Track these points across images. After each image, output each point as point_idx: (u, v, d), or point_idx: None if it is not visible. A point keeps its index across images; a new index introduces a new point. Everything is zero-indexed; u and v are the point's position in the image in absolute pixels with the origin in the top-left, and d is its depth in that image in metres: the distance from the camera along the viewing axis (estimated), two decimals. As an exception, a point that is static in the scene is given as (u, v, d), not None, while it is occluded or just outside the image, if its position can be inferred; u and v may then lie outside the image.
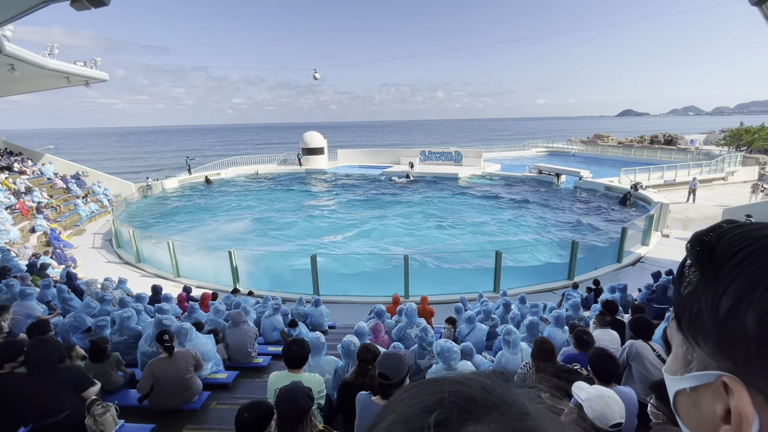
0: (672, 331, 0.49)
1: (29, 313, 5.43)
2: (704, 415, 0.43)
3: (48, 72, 14.81)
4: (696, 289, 0.43)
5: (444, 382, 0.36)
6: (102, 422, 2.83)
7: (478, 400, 0.33)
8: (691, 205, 18.16)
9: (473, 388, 0.35)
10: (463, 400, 0.33)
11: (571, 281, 9.95)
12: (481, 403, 0.33)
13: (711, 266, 0.42)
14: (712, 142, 40.20)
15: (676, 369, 0.48)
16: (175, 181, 26.58)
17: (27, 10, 6.87)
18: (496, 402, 0.34)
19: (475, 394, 0.34)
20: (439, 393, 0.35)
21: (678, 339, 0.47)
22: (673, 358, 0.49)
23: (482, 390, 0.35)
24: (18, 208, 15.15)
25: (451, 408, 0.32)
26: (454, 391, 0.34)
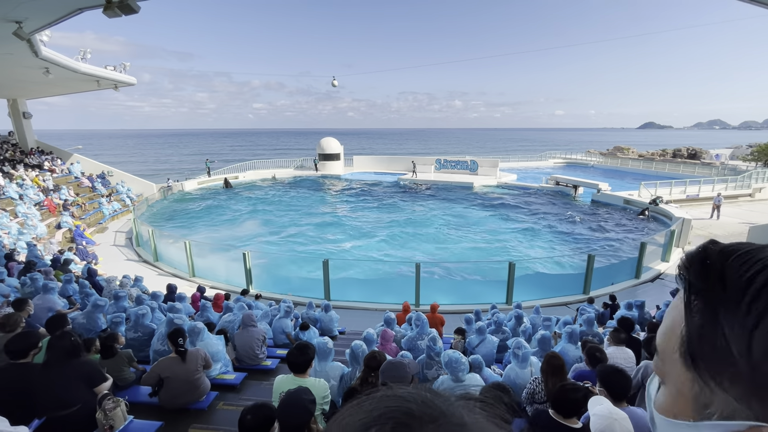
0: (669, 365, 0.43)
1: (50, 306, 5.61)
2: None
3: (80, 75, 15.47)
4: (715, 321, 0.37)
5: (384, 397, 0.37)
6: (112, 417, 2.90)
7: (416, 414, 0.34)
8: (715, 221, 17.53)
9: (413, 402, 0.35)
10: (401, 414, 0.34)
11: (587, 296, 9.71)
12: (419, 417, 0.34)
13: (727, 293, 0.37)
14: (739, 157, 38.82)
15: (681, 411, 0.41)
16: (195, 182, 27.25)
17: (62, 17, 7.23)
18: (434, 414, 0.34)
19: (414, 408, 0.35)
20: (378, 409, 0.35)
21: (685, 377, 0.40)
22: (674, 399, 0.42)
23: (422, 404, 0.35)
24: (46, 204, 15.78)
25: (387, 423, 0.33)
26: (394, 406, 0.35)
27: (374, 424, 0.33)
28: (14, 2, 6.55)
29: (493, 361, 5.27)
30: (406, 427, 0.33)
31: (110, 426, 2.87)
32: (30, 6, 6.79)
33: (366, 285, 11.19)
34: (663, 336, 0.45)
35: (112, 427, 2.88)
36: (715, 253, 0.41)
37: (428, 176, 30.05)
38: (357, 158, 35.36)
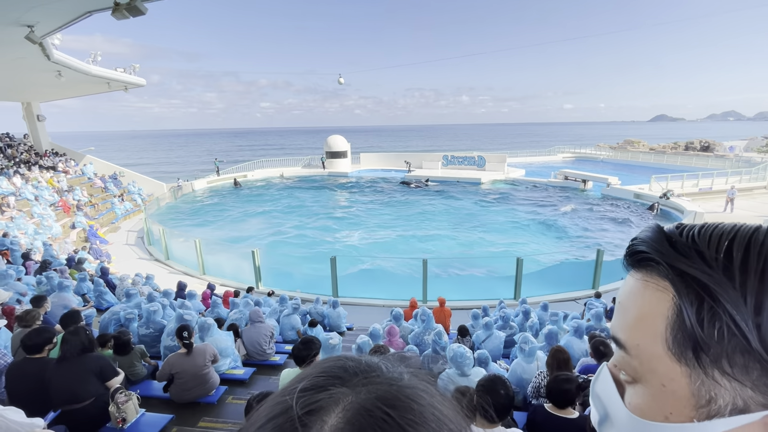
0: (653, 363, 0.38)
1: (65, 304, 5.77)
2: None
3: (91, 78, 15.73)
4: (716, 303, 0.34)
5: (328, 358, 0.38)
6: (124, 410, 2.98)
7: (350, 368, 0.35)
8: (728, 215, 17.16)
9: (351, 360, 0.37)
10: (336, 368, 0.35)
11: (595, 291, 9.62)
12: (353, 370, 0.35)
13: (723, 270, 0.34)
14: (754, 149, 37.89)
15: (676, 413, 0.36)
16: (204, 182, 27.57)
17: (72, 20, 7.36)
18: (367, 370, 0.35)
19: (350, 364, 0.36)
20: (318, 365, 0.37)
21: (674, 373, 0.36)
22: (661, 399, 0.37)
23: (360, 362, 0.36)
24: (60, 205, 16.14)
25: (318, 375, 0.34)
26: (332, 363, 0.36)
27: (308, 376, 0.35)
28: (25, 6, 6.70)
29: (500, 356, 5.27)
30: (338, 378, 0.34)
31: (123, 419, 2.96)
32: (41, 10, 6.93)
33: (374, 281, 11.23)
34: (632, 331, 0.40)
35: (125, 419, 2.97)
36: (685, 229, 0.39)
37: (435, 172, 29.95)
38: (364, 155, 35.38)
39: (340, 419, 0.30)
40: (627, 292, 0.42)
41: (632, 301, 0.41)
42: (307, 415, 0.30)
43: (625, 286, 0.44)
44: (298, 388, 0.33)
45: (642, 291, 0.40)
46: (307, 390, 0.33)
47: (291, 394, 0.32)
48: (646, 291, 0.39)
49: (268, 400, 0.34)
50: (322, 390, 0.32)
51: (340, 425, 0.29)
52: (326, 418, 0.30)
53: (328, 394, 0.32)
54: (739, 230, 0.36)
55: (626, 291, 0.43)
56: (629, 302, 0.41)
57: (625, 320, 0.41)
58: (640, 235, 0.43)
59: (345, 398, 0.31)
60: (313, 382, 0.34)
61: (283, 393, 0.34)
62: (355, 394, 0.32)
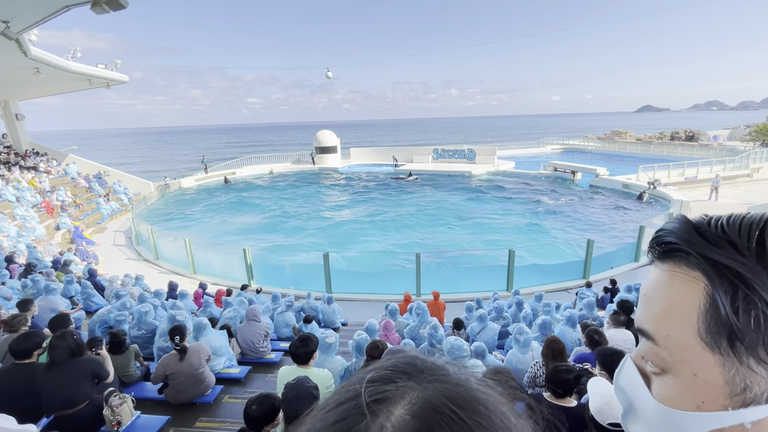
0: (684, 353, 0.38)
1: (53, 307, 5.64)
2: None
3: (71, 75, 15.29)
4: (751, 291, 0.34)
5: (396, 355, 0.38)
6: (119, 413, 2.93)
7: (418, 365, 0.36)
8: (713, 203, 17.56)
9: (419, 359, 0.37)
10: (404, 364, 0.36)
11: (586, 280, 9.77)
12: (420, 368, 0.35)
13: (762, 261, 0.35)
14: (737, 138, 38.75)
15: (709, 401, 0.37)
16: (192, 180, 27.16)
17: (50, 14, 7.11)
18: (435, 369, 0.35)
19: (419, 362, 0.36)
20: (387, 360, 0.37)
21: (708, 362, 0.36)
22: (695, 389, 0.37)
23: (428, 361, 0.37)
24: (44, 206, 15.73)
25: (387, 369, 0.35)
26: (400, 359, 0.37)
27: (377, 368, 0.36)
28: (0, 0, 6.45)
29: (494, 348, 5.33)
30: (405, 373, 0.34)
31: (118, 422, 2.91)
32: (17, 4, 6.67)
33: (367, 276, 11.24)
34: (660, 322, 0.40)
35: (120, 423, 2.92)
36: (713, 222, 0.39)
37: (426, 166, 29.98)
38: (354, 150, 35.22)
39: (406, 411, 0.30)
40: (653, 284, 0.42)
41: (660, 292, 0.41)
42: (375, 403, 0.31)
43: (650, 278, 0.44)
44: (367, 378, 0.34)
45: (670, 282, 0.40)
46: (375, 381, 0.34)
47: (360, 383, 0.34)
48: (674, 282, 0.39)
49: (338, 388, 0.36)
50: (390, 382, 0.33)
51: (406, 417, 0.30)
52: (392, 409, 0.31)
53: (395, 387, 0.33)
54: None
55: (652, 282, 0.43)
56: (656, 294, 0.41)
57: (652, 311, 0.41)
58: (666, 226, 0.43)
59: (412, 392, 0.32)
60: (381, 375, 0.35)
61: (352, 382, 0.35)
62: (423, 389, 0.32)
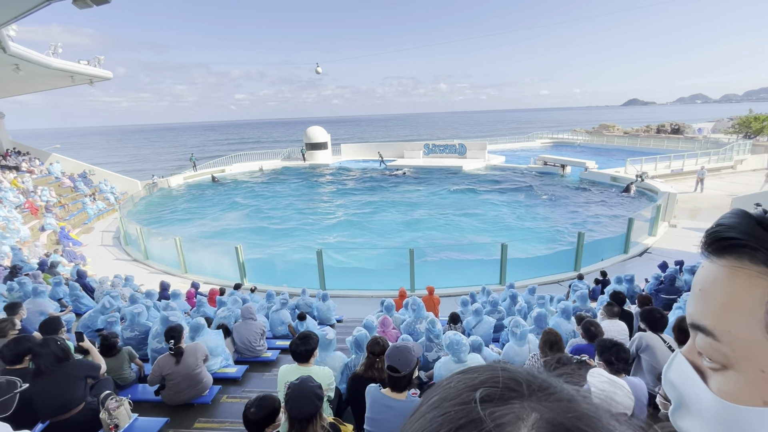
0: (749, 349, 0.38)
1: (42, 310, 5.52)
2: None
3: (52, 71, 14.87)
4: None
5: (493, 366, 0.37)
6: (116, 416, 2.88)
7: (524, 382, 0.34)
8: (699, 194, 17.95)
9: (520, 373, 0.35)
10: (508, 380, 0.34)
11: (578, 273, 9.92)
12: (527, 385, 0.33)
13: None
14: (721, 131, 39.57)
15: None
16: (181, 178, 26.74)
17: (30, 9, 6.88)
18: (542, 385, 0.34)
19: (521, 377, 0.34)
20: (487, 373, 0.35)
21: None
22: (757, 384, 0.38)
23: (529, 375, 0.35)
24: (27, 207, 15.33)
25: (495, 385, 0.33)
26: (499, 374, 0.35)
27: (482, 386, 0.33)
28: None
29: (490, 341, 5.37)
30: (514, 392, 0.33)
31: (115, 425, 2.86)
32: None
33: (361, 272, 11.24)
34: (720, 318, 0.40)
35: (117, 426, 2.87)
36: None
37: (417, 162, 29.99)
38: (345, 146, 35.05)
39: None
40: (710, 280, 0.42)
41: (719, 287, 0.40)
42: (498, 428, 0.29)
43: (705, 274, 0.43)
44: (479, 397, 0.32)
45: (730, 278, 0.40)
46: (486, 401, 0.31)
47: (472, 404, 0.31)
48: (736, 278, 0.39)
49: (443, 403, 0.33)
50: (504, 403, 0.31)
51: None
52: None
53: (511, 409, 0.31)
54: None
55: (709, 278, 0.42)
56: (715, 289, 0.41)
57: (711, 307, 0.41)
58: (723, 221, 0.42)
59: (530, 414, 0.30)
60: (491, 393, 0.32)
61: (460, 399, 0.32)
62: (540, 410, 0.31)
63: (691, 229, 13.28)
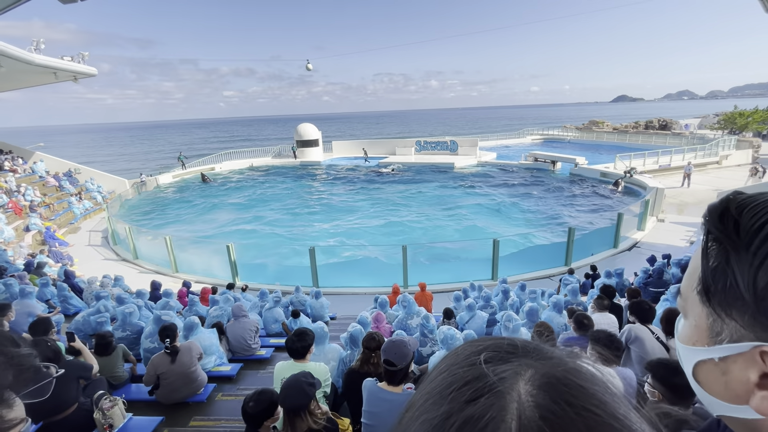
0: (690, 303, 0.50)
1: (30, 311, 5.42)
2: (734, 382, 0.44)
3: (35, 68, 14.53)
4: (727, 263, 0.44)
5: (494, 337, 0.41)
6: (110, 416, 2.86)
7: (520, 346, 0.38)
8: (686, 189, 18.30)
9: (517, 340, 0.40)
10: (507, 345, 0.39)
11: (568, 267, 10.05)
12: (523, 348, 0.38)
13: (740, 238, 0.43)
14: (707, 126, 40.32)
15: (699, 340, 0.49)
16: (170, 176, 26.38)
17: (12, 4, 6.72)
18: (537, 348, 0.38)
19: (518, 342, 0.39)
20: (489, 342, 0.40)
21: (701, 311, 0.48)
22: (692, 329, 0.50)
23: (525, 341, 0.40)
24: (11, 207, 14.99)
25: (493, 350, 0.38)
26: (496, 342, 0.39)
27: (485, 350, 0.38)
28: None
29: (483, 335, 5.43)
30: (513, 353, 0.37)
31: (110, 425, 2.84)
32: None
33: (354, 270, 11.23)
34: (686, 277, 0.51)
35: (112, 425, 2.85)
36: (734, 203, 0.46)
37: (409, 158, 30.01)
38: (336, 143, 34.91)
39: (532, 386, 0.33)
40: (695, 251, 0.51)
41: (693, 257, 0.50)
42: (501, 381, 0.33)
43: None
44: (481, 359, 0.36)
45: (698, 249, 0.50)
46: (489, 361, 0.36)
47: (477, 365, 0.35)
48: (698, 250, 0.49)
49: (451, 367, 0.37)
50: (505, 362, 0.36)
51: (533, 391, 0.32)
52: (517, 386, 0.33)
53: (510, 366, 0.35)
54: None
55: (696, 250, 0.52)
56: (692, 258, 0.51)
57: (686, 271, 0.52)
58: (711, 203, 0.50)
59: (527, 370, 0.34)
60: (492, 355, 0.37)
61: (463, 363, 0.37)
62: (535, 367, 0.35)
63: (679, 224, 13.55)
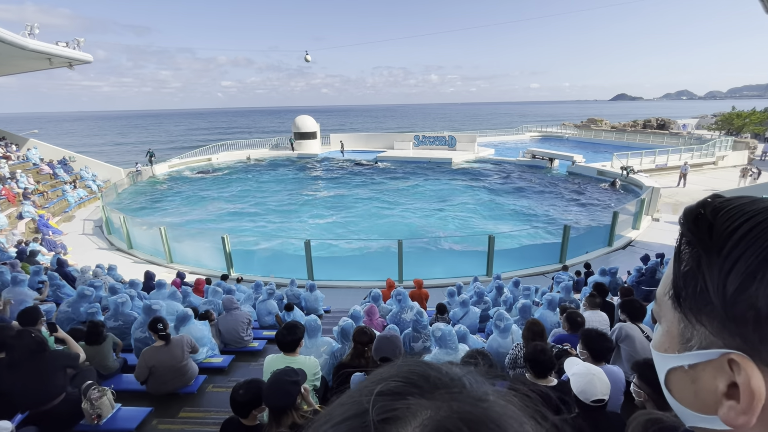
0: (663, 309, 0.48)
1: (22, 299, 5.38)
2: (703, 391, 0.42)
3: (29, 53, 14.31)
4: (698, 266, 0.41)
5: (407, 362, 0.36)
6: (99, 406, 2.85)
7: (432, 378, 0.33)
8: (681, 189, 18.38)
9: (433, 369, 0.35)
10: (417, 376, 0.33)
11: (562, 264, 10.10)
12: (434, 381, 0.33)
13: (712, 242, 0.41)
14: (704, 127, 40.42)
15: (670, 347, 0.46)
16: (166, 166, 26.20)
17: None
18: (449, 383, 0.33)
19: (432, 373, 0.34)
20: (397, 368, 0.35)
21: (673, 317, 0.45)
22: (664, 336, 0.48)
23: (440, 372, 0.34)
24: (4, 194, 14.84)
25: (398, 380, 0.33)
26: (412, 368, 0.35)
27: (388, 379, 0.33)
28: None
29: (476, 331, 5.45)
30: (417, 387, 0.32)
31: (98, 415, 2.83)
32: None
33: (349, 264, 11.24)
34: (661, 283, 0.49)
35: (100, 416, 2.84)
36: (710, 206, 0.44)
37: (407, 153, 29.94)
38: (334, 136, 34.74)
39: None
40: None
41: (670, 262, 0.48)
42: (383, 423, 0.29)
43: None
44: (376, 390, 0.32)
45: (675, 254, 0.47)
46: (384, 395, 0.31)
47: (368, 396, 0.31)
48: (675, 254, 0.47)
49: (344, 397, 0.33)
50: (400, 398, 0.31)
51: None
52: (402, 430, 0.28)
53: (405, 404, 0.30)
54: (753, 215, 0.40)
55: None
56: (669, 263, 0.48)
57: (663, 277, 0.49)
58: (687, 206, 0.48)
59: (423, 412, 0.30)
60: (390, 387, 0.32)
61: (360, 392, 0.32)
62: (436, 409, 0.30)
63: (673, 223, 13.62)
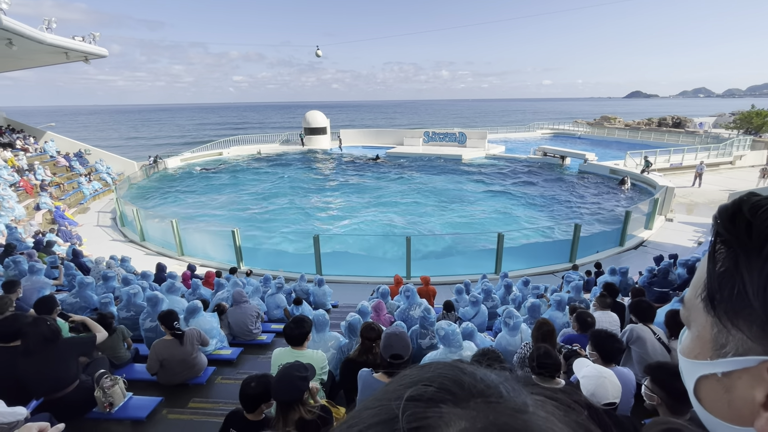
0: (693, 312, 0.45)
1: (40, 287, 5.52)
2: (739, 401, 0.40)
3: (46, 47, 14.55)
4: (736, 267, 0.39)
5: (438, 364, 0.34)
6: (111, 394, 2.91)
7: (466, 385, 0.31)
8: (696, 189, 17.96)
9: (467, 374, 0.32)
10: (449, 381, 0.31)
11: (572, 263, 9.98)
12: (468, 388, 0.31)
13: (752, 241, 0.38)
14: (722, 125, 39.37)
15: (701, 352, 0.44)
16: (178, 159, 26.54)
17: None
18: (485, 391, 0.31)
19: (466, 379, 0.32)
20: (428, 371, 0.33)
21: (705, 321, 0.43)
22: (695, 341, 0.45)
23: (475, 377, 0.32)
24: (22, 185, 15.20)
25: (431, 384, 0.31)
26: (444, 372, 0.33)
27: (419, 383, 0.31)
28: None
29: (485, 329, 5.43)
30: (450, 394, 0.30)
31: (110, 403, 2.89)
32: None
33: (357, 259, 11.27)
34: (691, 286, 0.47)
35: (112, 404, 2.91)
36: (748, 204, 0.41)
37: (416, 149, 29.82)
38: (344, 132, 34.76)
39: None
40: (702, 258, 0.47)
41: (701, 263, 0.46)
42: (412, 431, 0.27)
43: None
44: (406, 396, 0.30)
45: (705, 256, 0.45)
46: (415, 400, 0.29)
47: (398, 400, 0.29)
48: (706, 256, 0.44)
49: (371, 400, 0.32)
50: (433, 405, 0.29)
51: None
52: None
53: (438, 413, 0.28)
54: None
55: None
56: (700, 264, 0.46)
57: (693, 279, 0.47)
58: (722, 204, 0.45)
59: (458, 422, 0.27)
60: (421, 392, 0.30)
61: (389, 395, 0.31)
62: (471, 420, 0.28)
63: (687, 224, 13.34)
